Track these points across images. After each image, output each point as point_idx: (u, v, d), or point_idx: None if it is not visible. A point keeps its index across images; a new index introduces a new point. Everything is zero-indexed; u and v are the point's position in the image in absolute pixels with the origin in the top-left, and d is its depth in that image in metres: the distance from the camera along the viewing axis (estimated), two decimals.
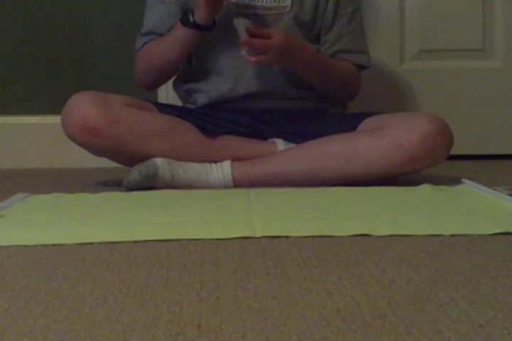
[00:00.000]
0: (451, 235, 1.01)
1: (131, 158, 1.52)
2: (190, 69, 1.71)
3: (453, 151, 1.50)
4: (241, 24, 1.62)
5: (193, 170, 1.52)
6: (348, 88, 1.72)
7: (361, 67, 1.72)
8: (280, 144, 1.59)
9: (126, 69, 1.69)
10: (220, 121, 1.63)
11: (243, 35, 1.56)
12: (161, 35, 1.64)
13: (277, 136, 1.61)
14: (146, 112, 1.55)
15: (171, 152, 1.52)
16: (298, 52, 1.55)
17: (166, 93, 2.05)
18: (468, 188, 1.45)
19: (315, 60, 1.61)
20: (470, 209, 1.23)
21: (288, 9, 1.64)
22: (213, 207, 1.26)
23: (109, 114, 1.47)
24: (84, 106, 1.46)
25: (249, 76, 1.63)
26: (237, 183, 1.52)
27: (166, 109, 1.62)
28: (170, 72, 1.69)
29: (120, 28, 2.09)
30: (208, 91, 1.67)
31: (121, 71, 1.73)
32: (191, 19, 1.53)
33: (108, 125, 1.46)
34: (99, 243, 0.98)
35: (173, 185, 1.49)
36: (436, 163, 1.48)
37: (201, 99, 1.68)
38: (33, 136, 2.11)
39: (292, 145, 1.58)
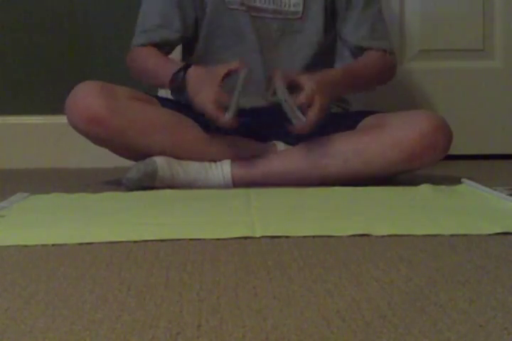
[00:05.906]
0: (451, 235, 1.01)
1: (132, 151, 1.52)
2: None
3: (453, 151, 1.49)
4: (253, 29, 1.62)
5: (193, 169, 1.52)
6: (383, 78, 1.69)
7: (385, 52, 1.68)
8: (280, 146, 1.59)
9: (127, 70, 1.69)
10: None
11: (254, 42, 1.58)
12: (163, 31, 1.63)
13: (277, 139, 1.61)
14: (149, 106, 1.55)
15: (172, 147, 1.52)
16: (332, 86, 1.48)
17: None
18: (468, 188, 1.45)
19: (347, 81, 1.56)
20: (470, 209, 1.23)
21: (300, 15, 1.64)
22: (213, 207, 1.26)
23: (112, 105, 1.47)
24: (88, 95, 1.46)
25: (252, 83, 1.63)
26: (237, 183, 1.52)
27: (168, 104, 1.62)
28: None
29: (121, 28, 2.09)
30: None
31: (121, 72, 1.73)
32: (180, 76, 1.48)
33: (111, 115, 1.46)
34: (99, 243, 0.98)
35: (172, 184, 1.49)
36: (435, 161, 1.47)
37: None
38: (33, 136, 2.11)
39: None
